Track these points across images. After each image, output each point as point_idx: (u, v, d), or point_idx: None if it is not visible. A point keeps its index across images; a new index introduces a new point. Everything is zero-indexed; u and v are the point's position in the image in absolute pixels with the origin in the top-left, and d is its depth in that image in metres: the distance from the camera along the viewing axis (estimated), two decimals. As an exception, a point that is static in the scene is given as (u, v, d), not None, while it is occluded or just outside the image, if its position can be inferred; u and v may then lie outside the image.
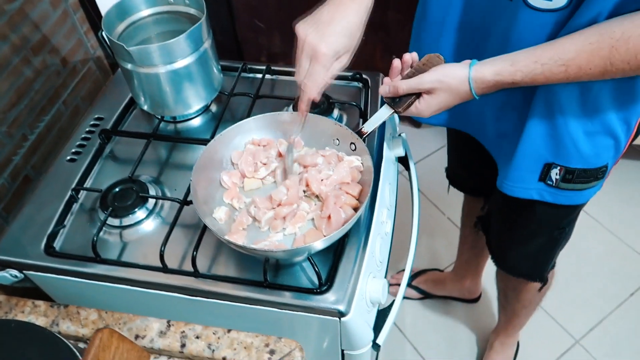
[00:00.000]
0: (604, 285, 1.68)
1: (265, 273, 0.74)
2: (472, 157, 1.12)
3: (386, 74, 0.81)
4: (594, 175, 0.84)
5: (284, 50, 2.04)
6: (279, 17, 1.91)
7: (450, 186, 1.31)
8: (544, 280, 1.15)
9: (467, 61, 0.73)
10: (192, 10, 0.95)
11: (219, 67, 0.99)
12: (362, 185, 0.80)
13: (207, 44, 0.91)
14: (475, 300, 1.66)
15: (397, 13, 1.76)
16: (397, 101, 0.77)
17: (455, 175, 1.28)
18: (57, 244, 0.83)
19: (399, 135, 1.06)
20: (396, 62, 0.78)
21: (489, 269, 1.37)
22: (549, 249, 1.06)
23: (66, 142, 1.00)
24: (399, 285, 1.64)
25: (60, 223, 0.84)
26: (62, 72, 1.11)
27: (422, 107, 0.76)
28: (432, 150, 2.03)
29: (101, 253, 0.80)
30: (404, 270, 0.92)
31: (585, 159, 0.82)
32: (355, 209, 0.77)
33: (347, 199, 0.76)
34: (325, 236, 0.73)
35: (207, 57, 0.92)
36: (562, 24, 0.69)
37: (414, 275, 1.68)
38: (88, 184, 0.91)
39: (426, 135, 2.07)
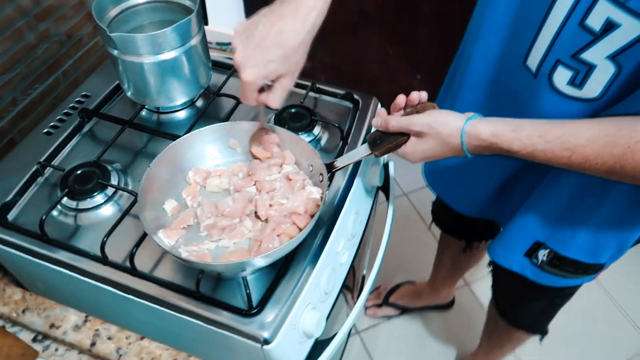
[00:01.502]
0: (591, 348, 1.59)
1: (198, 283, 0.72)
2: None
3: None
4: (585, 270, 0.78)
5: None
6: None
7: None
8: (544, 333, 1.12)
9: (469, 114, 0.67)
10: (188, 3, 0.93)
11: (209, 63, 0.98)
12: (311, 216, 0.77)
13: (195, 39, 0.90)
14: (450, 304, 1.67)
15: (427, 29, 1.70)
16: (377, 143, 0.74)
17: (438, 213, 1.24)
18: (12, 215, 0.83)
19: (386, 163, 1.02)
20: (400, 98, 0.73)
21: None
22: (551, 309, 1.02)
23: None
24: (377, 306, 1.63)
25: (19, 194, 0.85)
26: (65, 42, 1.12)
27: (408, 150, 0.71)
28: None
29: (53, 233, 0.80)
30: (377, 289, 0.88)
31: (580, 251, 0.76)
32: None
33: (289, 229, 0.73)
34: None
35: (194, 52, 0.91)
36: (590, 115, 0.62)
37: (389, 293, 1.65)
38: (57, 160, 0.91)
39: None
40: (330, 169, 0.77)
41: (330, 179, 0.84)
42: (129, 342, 0.65)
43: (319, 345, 0.84)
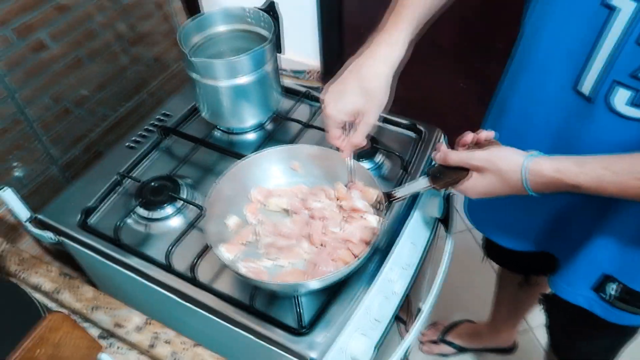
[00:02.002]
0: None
1: (252, 297, 0.75)
2: None
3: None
4: None
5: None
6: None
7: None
8: None
9: (531, 151, 0.66)
10: (265, 32, 0.99)
11: (280, 89, 1.03)
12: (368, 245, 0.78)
13: (269, 66, 0.95)
14: (512, 348, 1.57)
15: (498, 65, 1.67)
16: (438, 176, 0.73)
17: (490, 247, 1.20)
18: (92, 220, 0.91)
19: (448, 195, 1.01)
20: (468, 136, 0.72)
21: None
22: (614, 347, 0.96)
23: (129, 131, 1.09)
24: (433, 342, 1.58)
25: (100, 201, 0.93)
26: (153, 65, 1.22)
27: (467, 185, 0.70)
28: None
29: (126, 239, 0.86)
30: (434, 324, 0.87)
31: None
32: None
33: (344, 254, 0.75)
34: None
35: (267, 78, 0.96)
36: None
37: (445, 330, 1.60)
38: (136, 172, 0.99)
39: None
40: (389, 198, 0.78)
41: (388, 207, 0.84)
42: (184, 348, 0.69)
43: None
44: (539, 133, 0.74)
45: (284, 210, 0.85)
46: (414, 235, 0.90)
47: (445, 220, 1.02)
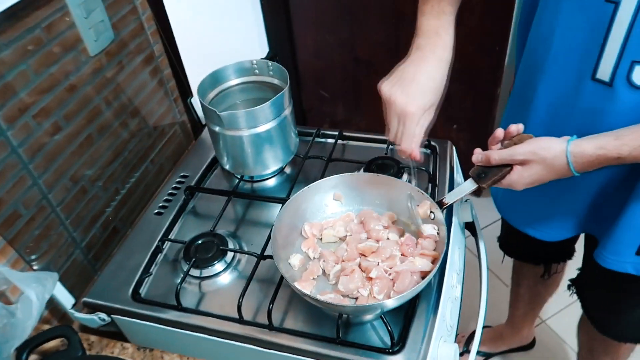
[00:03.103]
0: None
1: (339, 330, 0.76)
2: None
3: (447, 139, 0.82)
4: None
5: (347, 118, 2.14)
6: (343, 87, 2.02)
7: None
8: None
9: (566, 137, 0.72)
10: (275, 81, 1.04)
11: (296, 131, 1.07)
12: (436, 254, 0.81)
13: (287, 110, 0.99)
14: (532, 345, 1.63)
15: (460, 84, 1.82)
16: (482, 176, 0.78)
17: (509, 244, 1.27)
18: (142, 291, 0.88)
19: (466, 201, 1.07)
20: (499, 132, 0.78)
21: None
22: None
23: (151, 197, 1.09)
24: (460, 355, 1.61)
25: (146, 271, 0.91)
26: (152, 134, 1.22)
27: (514, 179, 0.75)
28: (492, 220, 2.01)
29: (182, 302, 0.84)
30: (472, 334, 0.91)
31: None
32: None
33: (422, 264, 0.79)
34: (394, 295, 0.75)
35: (286, 122, 1.00)
36: None
37: (467, 341, 1.63)
38: (172, 236, 0.98)
39: (487, 205, 2.05)
40: (441, 206, 0.82)
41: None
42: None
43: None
44: (565, 123, 0.82)
45: (339, 240, 0.88)
46: (458, 241, 0.95)
47: (469, 225, 1.08)
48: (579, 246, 1.12)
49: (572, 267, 1.22)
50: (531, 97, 0.85)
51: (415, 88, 0.75)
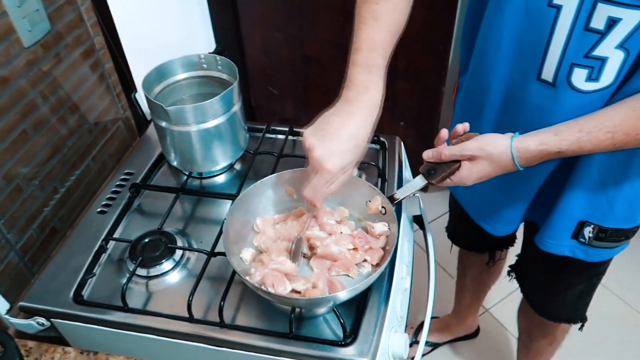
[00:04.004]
0: (617, 353, 1.66)
1: (291, 324, 0.75)
2: None
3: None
4: (626, 235, 0.88)
5: (296, 116, 2.14)
6: (291, 84, 2.02)
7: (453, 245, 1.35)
8: (584, 320, 1.18)
9: (510, 134, 0.75)
10: (224, 76, 1.02)
11: (246, 127, 1.05)
12: (385, 249, 0.83)
13: (237, 106, 0.98)
14: (476, 333, 1.71)
15: (405, 83, 1.86)
16: (432, 173, 0.80)
17: (457, 234, 1.32)
18: (85, 293, 0.84)
19: (414, 195, 1.10)
20: (443, 132, 0.80)
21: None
22: (588, 293, 1.09)
23: (93, 196, 1.04)
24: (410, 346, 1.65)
25: (89, 272, 0.87)
26: (93, 130, 1.17)
27: (463, 174, 0.77)
28: (438, 214, 2.08)
29: (128, 302, 0.81)
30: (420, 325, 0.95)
31: (619, 220, 0.85)
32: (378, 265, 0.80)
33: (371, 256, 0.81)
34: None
35: (236, 118, 0.98)
36: (607, 101, 0.73)
37: (416, 332, 1.68)
38: (116, 235, 0.94)
39: (433, 200, 2.12)
40: (392, 201, 0.84)
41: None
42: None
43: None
44: (514, 121, 0.85)
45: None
46: (407, 234, 0.97)
47: (417, 218, 1.11)
48: (519, 233, 1.18)
49: (512, 254, 1.28)
50: (484, 95, 0.88)
51: (337, 146, 0.72)
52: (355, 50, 0.77)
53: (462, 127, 0.80)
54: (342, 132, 0.72)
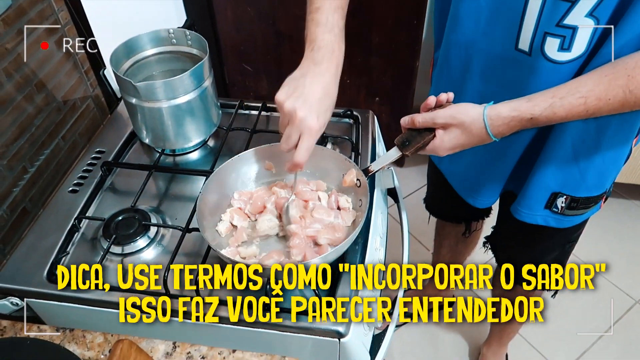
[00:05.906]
0: (585, 318, 1.73)
1: (268, 294, 0.77)
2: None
3: None
4: (596, 201, 0.91)
5: (271, 92, 2.12)
6: (266, 60, 2.00)
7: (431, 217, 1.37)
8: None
9: (484, 104, 0.75)
10: (194, 51, 1.01)
11: (218, 104, 1.04)
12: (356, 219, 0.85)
13: (208, 81, 0.97)
14: (453, 303, 1.75)
15: (379, 59, 1.86)
16: (406, 144, 0.80)
17: (435, 204, 1.34)
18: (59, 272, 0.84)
19: (388, 169, 1.11)
20: (431, 99, 0.79)
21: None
22: (561, 259, 1.12)
23: (65, 176, 1.03)
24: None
25: (62, 251, 0.86)
26: (62, 108, 1.14)
27: (437, 144, 0.78)
28: (414, 188, 2.11)
29: (103, 279, 0.81)
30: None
31: (590, 189, 0.88)
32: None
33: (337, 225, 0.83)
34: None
35: (207, 94, 0.97)
36: (580, 71, 0.74)
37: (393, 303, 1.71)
38: (89, 214, 0.93)
39: (409, 174, 2.15)
40: (367, 173, 0.85)
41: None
42: (223, 357, 0.68)
43: (376, 339, 0.89)
44: (495, 93, 0.84)
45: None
46: (380, 206, 0.99)
47: (391, 191, 1.13)
48: (494, 205, 1.20)
49: (487, 226, 1.32)
50: (464, 68, 0.88)
51: (317, 106, 0.74)
52: (315, 9, 0.79)
53: (446, 96, 0.79)
54: (318, 92, 0.74)
